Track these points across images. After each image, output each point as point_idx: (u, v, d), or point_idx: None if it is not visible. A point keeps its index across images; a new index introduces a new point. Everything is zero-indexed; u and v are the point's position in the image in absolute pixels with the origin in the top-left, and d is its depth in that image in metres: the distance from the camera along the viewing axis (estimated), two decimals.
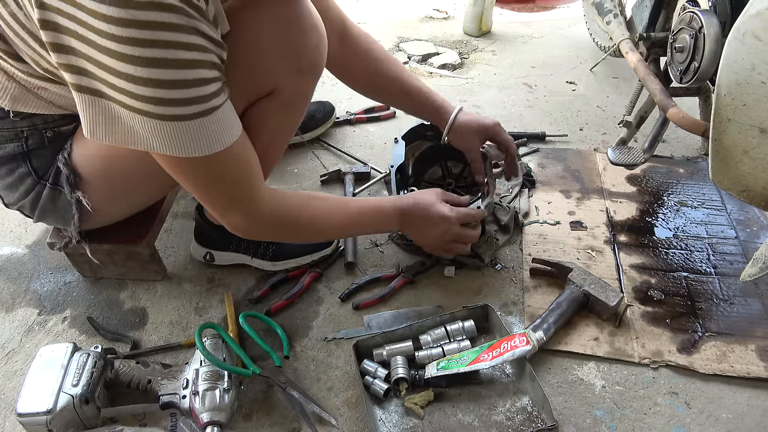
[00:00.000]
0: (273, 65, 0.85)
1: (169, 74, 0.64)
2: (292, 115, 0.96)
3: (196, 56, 0.66)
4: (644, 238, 1.27)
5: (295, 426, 0.95)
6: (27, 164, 0.93)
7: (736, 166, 0.92)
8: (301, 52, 0.86)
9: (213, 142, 0.73)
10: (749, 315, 1.09)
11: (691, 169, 1.46)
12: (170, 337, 1.10)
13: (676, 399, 0.97)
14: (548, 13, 2.44)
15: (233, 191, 0.83)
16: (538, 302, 1.13)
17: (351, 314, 1.13)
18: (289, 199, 0.94)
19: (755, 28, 0.82)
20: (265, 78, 0.86)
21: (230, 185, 0.82)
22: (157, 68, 0.63)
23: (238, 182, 0.83)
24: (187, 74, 0.65)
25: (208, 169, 0.78)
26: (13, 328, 1.13)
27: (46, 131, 0.91)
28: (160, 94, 0.65)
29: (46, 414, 0.82)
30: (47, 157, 0.94)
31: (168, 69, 0.64)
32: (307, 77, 0.91)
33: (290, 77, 0.87)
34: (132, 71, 0.63)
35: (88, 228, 1.05)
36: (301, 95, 0.94)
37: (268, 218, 0.90)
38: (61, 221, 1.01)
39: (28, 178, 0.94)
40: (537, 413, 0.94)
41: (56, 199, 0.96)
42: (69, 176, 0.93)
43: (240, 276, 1.21)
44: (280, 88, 0.88)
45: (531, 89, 1.86)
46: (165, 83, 0.64)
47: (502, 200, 1.33)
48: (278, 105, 0.90)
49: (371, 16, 2.39)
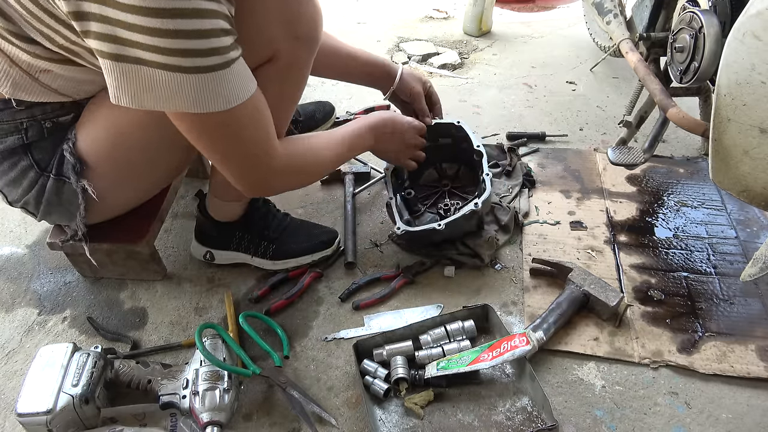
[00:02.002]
0: (271, 30, 0.86)
1: (188, 24, 0.65)
2: (291, 83, 0.97)
3: (212, 6, 0.67)
4: (644, 238, 1.27)
5: (295, 426, 0.95)
6: (29, 157, 0.94)
7: (736, 166, 0.92)
8: (298, 19, 0.88)
9: (232, 95, 0.75)
10: (749, 315, 1.09)
11: (691, 169, 1.46)
12: (170, 337, 1.10)
13: (676, 399, 0.97)
14: (548, 13, 2.44)
15: (251, 148, 0.86)
16: (538, 302, 1.13)
17: (351, 314, 1.13)
18: (295, 144, 0.99)
19: (755, 28, 0.82)
20: (264, 42, 0.87)
21: (247, 142, 0.84)
22: (175, 18, 0.64)
23: (254, 138, 0.85)
24: (204, 24, 0.67)
25: (227, 124, 0.79)
26: (13, 328, 1.13)
27: (45, 122, 0.92)
28: (179, 45, 0.66)
29: (46, 414, 0.82)
30: (48, 149, 0.94)
31: (186, 19, 0.65)
32: (303, 45, 0.92)
33: (287, 43, 0.89)
34: (150, 24, 0.64)
35: (93, 221, 1.05)
36: (299, 63, 0.95)
37: (283, 168, 0.93)
38: (66, 215, 1.01)
39: (30, 171, 0.95)
40: (537, 413, 0.94)
41: (61, 191, 0.96)
42: (75, 165, 0.93)
43: (240, 276, 1.21)
44: (279, 54, 0.89)
45: (531, 89, 1.86)
46: (183, 33, 0.66)
47: (502, 200, 1.33)
48: (276, 71, 0.91)
49: (371, 16, 2.39)
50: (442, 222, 1.12)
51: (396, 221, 1.16)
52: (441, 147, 1.34)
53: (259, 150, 0.87)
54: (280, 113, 1.00)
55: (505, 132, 1.62)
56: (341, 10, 2.47)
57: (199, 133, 0.81)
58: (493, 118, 1.70)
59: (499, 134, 1.62)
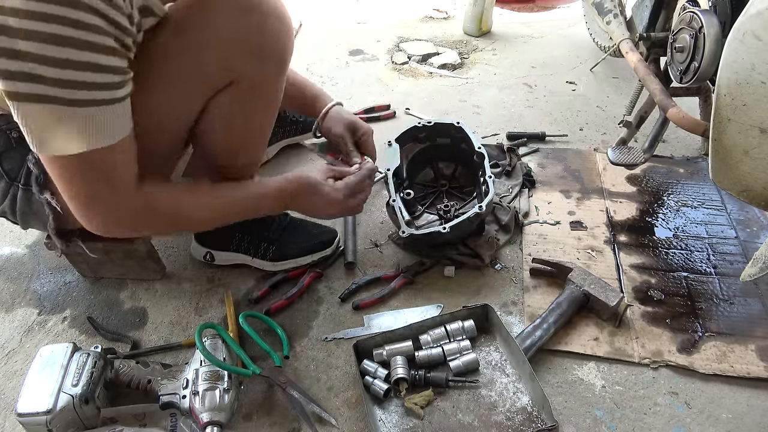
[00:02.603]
0: (229, 50, 0.82)
1: (56, 52, 0.62)
2: (259, 103, 0.93)
3: (89, 37, 0.63)
4: (644, 238, 1.27)
5: (295, 426, 0.95)
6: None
7: (736, 166, 0.92)
8: (259, 35, 0.84)
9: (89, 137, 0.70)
10: (749, 315, 1.09)
11: (691, 169, 1.46)
12: (170, 337, 1.10)
13: (676, 399, 0.97)
14: (548, 13, 2.44)
15: (100, 186, 0.77)
16: (538, 302, 1.13)
17: (351, 314, 1.13)
18: (159, 195, 0.86)
19: (755, 28, 0.82)
20: (222, 63, 0.83)
21: (98, 181, 0.76)
22: (43, 44, 0.61)
23: (108, 178, 0.77)
24: (78, 55, 0.63)
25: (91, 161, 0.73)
26: (13, 328, 1.13)
27: (10, 132, 0.90)
28: (43, 72, 0.62)
29: (46, 414, 0.82)
30: (17, 159, 0.92)
31: (55, 46, 0.62)
32: (268, 64, 0.87)
33: (250, 63, 0.84)
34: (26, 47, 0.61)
35: (68, 228, 1.01)
36: (264, 83, 0.90)
37: (132, 214, 0.83)
38: (41, 224, 0.99)
39: (1, 181, 0.94)
40: (537, 413, 0.94)
41: (30, 201, 0.95)
42: (38, 176, 0.91)
43: (240, 276, 1.21)
44: (242, 76, 0.85)
45: (531, 89, 1.86)
46: (51, 61, 0.62)
47: (502, 200, 1.33)
48: (241, 93, 0.87)
49: (371, 16, 2.39)
50: (447, 225, 1.12)
51: (400, 223, 1.16)
52: (438, 146, 1.34)
53: (105, 195, 0.78)
54: (253, 132, 0.97)
55: (505, 132, 1.62)
56: (341, 10, 2.47)
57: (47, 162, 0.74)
58: (493, 118, 1.70)
59: (499, 134, 1.62)
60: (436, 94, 1.84)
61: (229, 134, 0.86)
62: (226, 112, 0.86)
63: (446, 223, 1.15)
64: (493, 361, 1.02)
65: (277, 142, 1.53)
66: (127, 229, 0.86)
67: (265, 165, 1.50)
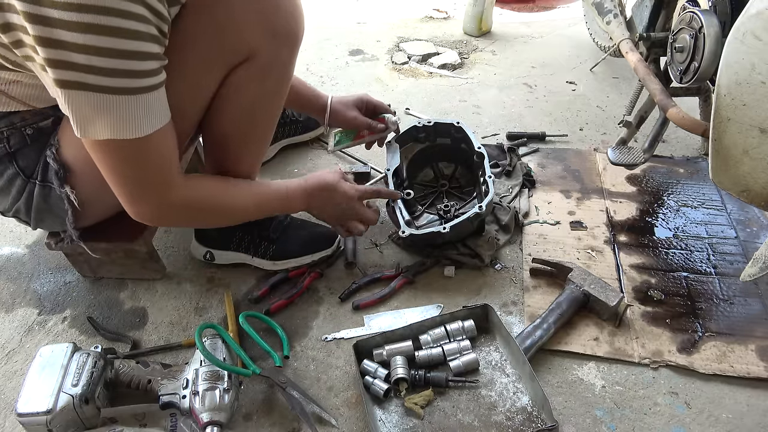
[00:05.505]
0: (245, 25, 0.84)
1: (108, 42, 0.65)
2: (272, 84, 0.94)
3: (136, 26, 0.66)
4: (644, 238, 1.27)
5: (295, 426, 0.95)
6: (14, 165, 0.93)
7: (736, 166, 0.92)
8: (274, 13, 0.85)
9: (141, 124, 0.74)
10: (749, 315, 1.09)
11: (691, 169, 1.46)
12: (170, 337, 1.10)
13: (676, 399, 0.97)
14: (548, 13, 2.44)
15: (151, 175, 0.83)
16: (538, 302, 1.13)
17: (351, 314, 1.13)
18: (200, 184, 0.95)
19: (755, 28, 0.82)
20: (239, 38, 0.85)
21: (149, 169, 0.82)
22: (95, 35, 0.64)
23: (158, 165, 0.83)
24: (127, 44, 0.66)
25: (139, 148, 0.78)
26: (13, 328, 1.13)
27: (25, 129, 0.91)
28: (97, 63, 0.66)
29: (46, 414, 0.82)
30: (32, 156, 0.93)
31: (107, 36, 0.64)
32: (282, 42, 0.89)
33: (265, 40, 0.86)
34: (70, 38, 0.63)
35: (86, 224, 1.04)
36: (279, 63, 0.91)
37: (179, 203, 0.90)
38: (58, 221, 1.00)
39: (17, 179, 0.94)
40: (537, 413, 0.94)
41: (48, 197, 0.96)
42: (58, 171, 0.92)
43: (240, 276, 1.21)
44: (256, 52, 0.87)
45: (531, 89, 1.86)
46: (103, 51, 0.65)
47: (502, 200, 1.33)
48: (256, 70, 0.89)
49: (371, 16, 2.39)
50: (447, 225, 1.12)
51: (400, 224, 1.16)
52: (438, 146, 1.34)
53: (159, 178, 0.84)
54: (263, 116, 0.98)
55: (505, 132, 1.62)
56: (341, 10, 2.47)
57: (97, 152, 0.79)
58: (493, 118, 1.70)
59: (499, 134, 1.62)
60: (436, 94, 1.84)
61: (241, 113, 0.89)
62: (241, 87, 0.89)
63: (446, 223, 1.15)
64: (493, 361, 1.02)
65: (278, 142, 1.53)
66: (173, 216, 0.93)
67: (265, 165, 1.50)
